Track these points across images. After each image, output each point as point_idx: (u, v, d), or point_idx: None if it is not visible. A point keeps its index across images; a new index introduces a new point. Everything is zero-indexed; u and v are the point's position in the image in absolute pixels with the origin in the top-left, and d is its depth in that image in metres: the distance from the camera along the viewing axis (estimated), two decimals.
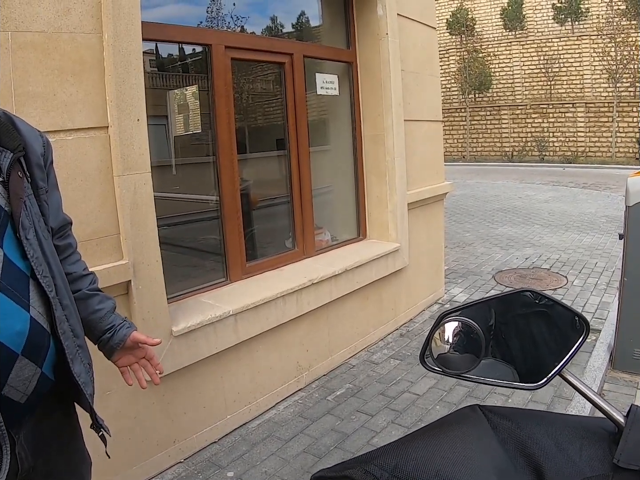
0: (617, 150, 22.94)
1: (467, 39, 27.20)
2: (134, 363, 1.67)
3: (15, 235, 1.28)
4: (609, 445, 0.98)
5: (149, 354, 1.69)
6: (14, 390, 1.23)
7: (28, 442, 1.33)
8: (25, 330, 1.24)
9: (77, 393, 1.44)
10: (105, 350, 1.63)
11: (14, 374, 1.22)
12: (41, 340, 1.30)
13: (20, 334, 1.23)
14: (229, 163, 3.62)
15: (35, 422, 1.36)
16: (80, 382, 1.41)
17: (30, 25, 2.30)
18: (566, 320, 1.16)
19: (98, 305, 1.62)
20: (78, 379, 1.40)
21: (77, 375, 1.40)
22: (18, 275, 1.27)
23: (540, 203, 12.16)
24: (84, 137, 2.51)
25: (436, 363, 1.14)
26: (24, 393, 1.26)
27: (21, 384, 1.24)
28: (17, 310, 1.24)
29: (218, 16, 3.89)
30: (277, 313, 3.58)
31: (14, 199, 1.28)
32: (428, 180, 5.32)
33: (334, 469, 0.98)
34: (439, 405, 3.61)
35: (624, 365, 3.99)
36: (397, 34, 4.61)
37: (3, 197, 1.27)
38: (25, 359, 1.24)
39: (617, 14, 22.72)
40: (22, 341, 1.23)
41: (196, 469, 3.03)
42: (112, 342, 1.60)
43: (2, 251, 1.24)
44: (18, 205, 1.29)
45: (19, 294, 1.25)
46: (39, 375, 1.29)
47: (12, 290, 1.23)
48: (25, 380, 1.25)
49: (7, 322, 1.20)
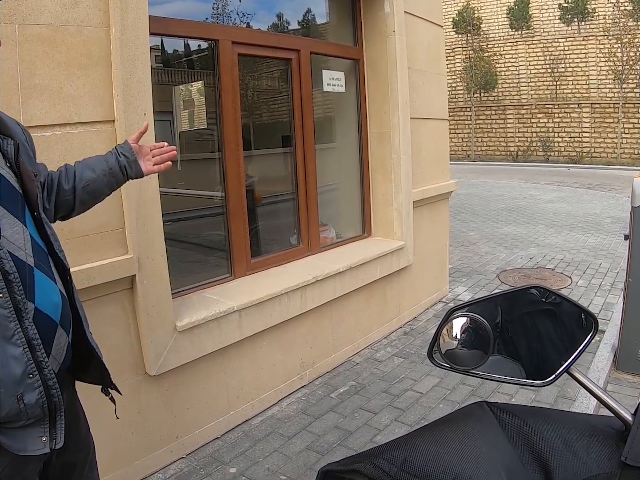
0: (622, 151, 22.86)
1: (473, 38, 27.12)
2: (153, 159, 1.90)
3: (33, 214, 1.37)
4: (616, 443, 0.98)
5: (150, 146, 1.93)
6: (52, 359, 1.32)
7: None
8: (60, 302, 1.36)
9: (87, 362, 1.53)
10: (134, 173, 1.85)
11: (56, 342, 1.32)
12: (68, 311, 1.41)
13: (57, 305, 1.34)
14: (234, 159, 3.62)
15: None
16: (94, 347, 1.52)
17: (38, 18, 2.30)
18: (573, 318, 1.16)
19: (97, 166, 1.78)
20: (93, 344, 1.51)
21: (91, 341, 1.51)
22: (42, 252, 1.37)
23: (544, 203, 12.13)
24: (90, 130, 2.50)
25: (444, 359, 1.14)
26: (60, 362, 1.36)
27: (59, 352, 1.35)
28: (50, 284, 1.34)
29: (224, 12, 3.89)
30: (282, 309, 3.58)
31: (27, 181, 1.37)
32: (433, 178, 5.31)
33: (342, 462, 0.98)
34: (442, 403, 3.60)
35: (627, 366, 3.98)
36: (404, 32, 4.60)
37: (17, 181, 1.35)
38: (61, 329, 1.35)
39: (624, 15, 22.60)
40: (58, 312, 1.34)
41: (199, 464, 3.04)
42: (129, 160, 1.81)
43: (28, 231, 1.32)
44: (34, 186, 1.38)
45: (47, 269, 1.35)
46: (67, 344, 1.39)
47: (43, 266, 1.33)
48: (61, 349, 1.35)
49: (47, 295, 1.31)
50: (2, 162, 1.34)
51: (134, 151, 1.83)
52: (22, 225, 1.31)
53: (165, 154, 1.93)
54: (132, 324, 2.77)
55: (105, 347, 1.64)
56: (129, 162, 1.80)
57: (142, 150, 1.87)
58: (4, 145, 1.36)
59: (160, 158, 1.92)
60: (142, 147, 1.88)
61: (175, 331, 2.92)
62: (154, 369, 2.83)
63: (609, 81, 23.43)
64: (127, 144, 1.84)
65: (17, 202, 1.32)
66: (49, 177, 1.70)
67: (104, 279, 2.54)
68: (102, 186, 1.78)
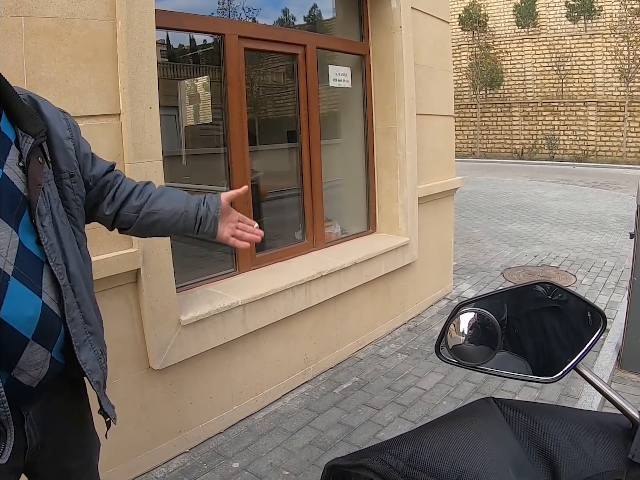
0: (627, 149, 22.79)
1: (479, 35, 27.09)
2: (235, 230, 1.75)
3: (32, 221, 1.29)
4: (623, 440, 0.98)
5: (240, 216, 1.79)
6: (24, 374, 1.25)
7: (37, 420, 1.35)
8: (37, 316, 1.25)
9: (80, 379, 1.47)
10: (208, 230, 1.69)
11: (25, 358, 1.24)
12: (52, 326, 1.31)
13: (32, 319, 1.24)
14: (240, 154, 3.61)
15: (45, 401, 1.38)
16: (86, 369, 1.42)
17: (44, 11, 2.29)
18: (580, 315, 1.16)
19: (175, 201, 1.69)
20: (84, 366, 1.41)
21: (83, 363, 1.40)
22: (33, 261, 1.28)
23: (549, 201, 12.10)
24: (96, 124, 2.50)
25: (451, 354, 1.14)
26: (36, 378, 1.28)
27: (32, 368, 1.26)
28: (29, 296, 1.25)
29: (230, 8, 3.88)
30: (286, 304, 3.58)
31: (32, 185, 1.29)
32: (439, 175, 5.29)
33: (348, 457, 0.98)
34: (445, 400, 3.60)
35: (631, 365, 3.97)
36: (411, 28, 4.58)
37: (23, 182, 1.28)
38: (36, 344, 1.25)
39: (631, 13, 22.54)
40: (32, 326, 1.24)
41: (202, 459, 3.04)
42: (209, 215, 1.68)
43: (18, 236, 1.24)
44: (36, 192, 1.29)
45: (32, 279, 1.26)
46: (50, 360, 1.31)
47: (25, 275, 1.24)
48: (37, 365, 1.27)
49: (19, 308, 1.22)
50: (15, 161, 1.28)
51: (220, 209, 1.69)
52: (12, 230, 1.23)
53: (250, 233, 1.78)
54: (136, 318, 2.77)
55: (109, 341, 1.62)
56: (208, 216, 1.67)
57: (229, 213, 1.74)
58: (22, 142, 1.29)
59: (242, 233, 1.76)
60: (232, 212, 1.75)
61: (179, 325, 2.92)
62: (157, 363, 2.83)
63: (615, 79, 23.39)
64: (218, 198, 1.70)
65: (14, 206, 1.25)
66: (122, 183, 1.64)
67: (109, 272, 2.54)
68: (168, 223, 1.67)
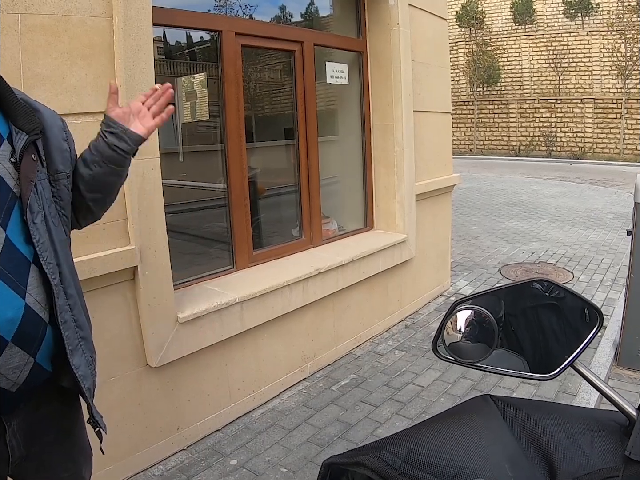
0: (624, 147, 22.79)
1: (476, 32, 27.05)
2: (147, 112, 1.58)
3: (22, 218, 1.25)
4: (620, 437, 0.98)
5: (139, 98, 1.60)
6: (2, 378, 1.21)
7: (21, 431, 1.32)
8: (18, 318, 1.21)
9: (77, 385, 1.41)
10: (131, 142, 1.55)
11: (2, 361, 1.20)
12: (35, 329, 1.27)
13: (12, 321, 1.20)
14: (237, 151, 3.61)
15: (30, 411, 1.34)
16: (78, 375, 1.38)
17: (40, 8, 2.28)
18: (576, 312, 1.16)
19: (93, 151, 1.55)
20: (76, 372, 1.37)
21: (76, 368, 1.37)
22: (19, 260, 1.24)
23: (546, 198, 12.11)
24: (93, 120, 2.48)
25: (448, 352, 1.14)
26: (15, 382, 1.24)
27: (10, 372, 1.22)
28: (11, 297, 1.21)
29: (227, 4, 3.87)
30: (283, 302, 3.58)
31: (24, 182, 1.26)
32: (436, 171, 5.29)
33: (346, 455, 0.98)
34: (443, 397, 3.60)
35: (628, 362, 3.98)
36: (408, 24, 4.57)
37: (13, 179, 1.25)
38: (15, 347, 1.21)
39: (628, 10, 22.50)
40: (12, 329, 1.20)
41: (199, 456, 3.04)
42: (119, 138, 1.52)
43: (5, 234, 1.21)
44: (27, 188, 1.26)
45: (16, 279, 1.22)
46: (32, 365, 1.27)
47: (9, 275, 1.20)
48: (15, 369, 1.23)
49: None
50: (6, 156, 1.25)
51: (117, 120, 1.52)
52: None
53: (161, 97, 1.59)
54: (134, 315, 2.76)
55: (106, 339, 1.62)
56: (117, 136, 1.51)
57: (131, 110, 1.56)
58: (16, 139, 1.26)
59: (157, 107, 1.58)
60: (131, 106, 1.57)
61: (176, 323, 2.91)
62: (155, 361, 2.83)
63: (612, 77, 23.34)
64: (107, 117, 1.54)
65: (2, 202, 1.22)
66: None
67: (106, 269, 2.54)
68: (106, 178, 1.55)
